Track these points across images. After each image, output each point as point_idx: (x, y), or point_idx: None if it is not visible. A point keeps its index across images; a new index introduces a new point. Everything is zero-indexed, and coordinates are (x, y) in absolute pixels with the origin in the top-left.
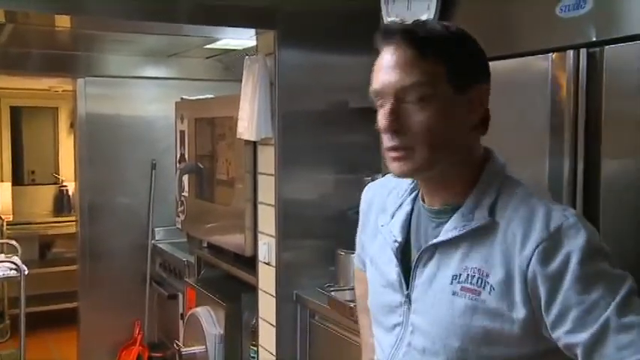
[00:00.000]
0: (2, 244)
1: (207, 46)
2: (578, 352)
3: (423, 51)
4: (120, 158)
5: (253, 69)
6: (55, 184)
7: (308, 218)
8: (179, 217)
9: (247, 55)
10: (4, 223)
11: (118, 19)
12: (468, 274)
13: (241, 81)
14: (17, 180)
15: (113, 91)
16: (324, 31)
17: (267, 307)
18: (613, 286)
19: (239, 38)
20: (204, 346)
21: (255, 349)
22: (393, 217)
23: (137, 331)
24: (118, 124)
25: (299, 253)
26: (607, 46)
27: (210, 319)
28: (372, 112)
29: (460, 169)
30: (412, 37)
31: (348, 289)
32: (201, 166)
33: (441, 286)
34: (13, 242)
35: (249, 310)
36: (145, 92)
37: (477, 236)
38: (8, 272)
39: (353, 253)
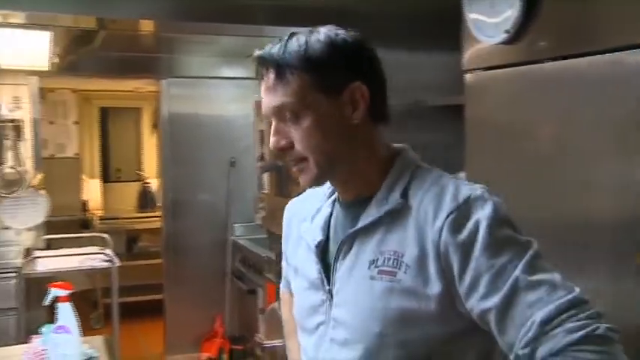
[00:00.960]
0: (94, 237)
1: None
2: (491, 317)
3: (280, 73)
4: (200, 156)
5: None
6: (138, 181)
7: None
8: (259, 213)
9: None
10: (96, 218)
11: (200, 22)
12: (385, 258)
13: None
14: (105, 177)
15: (194, 91)
16: (402, 31)
17: None
18: (520, 250)
19: None
20: (284, 340)
21: None
22: (312, 220)
23: (218, 325)
24: (198, 123)
25: None
26: None
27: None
28: (450, 111)
29: (367, 162)
30: (269, 60)
31: None
32: (281, 164)
33: (360, 274)
34: (106, 235)
35: None
36: (224, 92)
37: (391, 220)
38: (102, 263)
39: None
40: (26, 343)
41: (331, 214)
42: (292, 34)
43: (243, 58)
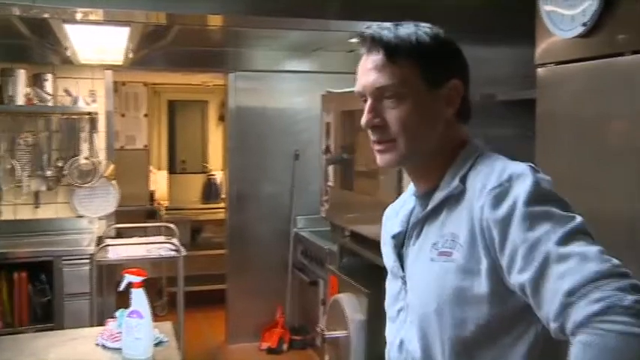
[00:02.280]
0: (161, 227)
1: (351, 40)
2: (528, 292)
3: (392, 54)
4: (265, 149)
5: None
6: (203, 172)
7: None
8: (323, 206)
9: None
10: (162, 208)
11: (268, 17)
12: (445, 240)
13: None
14: (171, 169)
15: (260, 84)
16: (473, 24)
17: None
18: (558, 224)
19: None
20: (346, 331)
21: None
22: (397, 215)
23: (279, 315)
24: (263, 116)
25: None
26: None
27: (352, 306)
28: (519, 105)
29: (440, 155)
30: (381, 42)
31: None
32: (347, 157)
33: (424, 257)
34: (172, 225)
35: None
36: (289, 86)
37: (451, 204)
38: (169, 253)
39: None
40: (99, 325)
41: (413, 209)
42: (397, 24)
43: (309, 52)
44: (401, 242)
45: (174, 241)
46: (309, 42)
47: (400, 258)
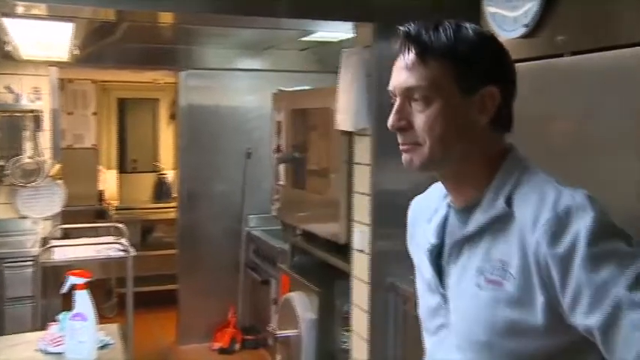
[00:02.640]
0: (110, 227)
1: (302, 39)
2: (596, 335)
3: (424, 54)
4: (216, 147)
5: (351, 61)
6: (154, 172)
7: (403, 207)
8: (274, 204)
9: (342, 47)
10: (111, 208)
11: (219, 15)
12: (492, 266)
13: (335, 73)
14: (121, 168)
15: (211, 82)
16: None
17: (360, 294)
18: (623, 264)
19: (336, 31)
20: (297, 330)
21: (348, 334)
22: (430, 222)
23: (231, 315)
24: (215, 114)
25: (393, 241)
26: None
27: (303, 305)
28: None
29: (478, 166)
30: (415, 41)
31: None
32: (298, 156)
33: (468, 281)
34: (121, 225)
35: (342, 297)
36: (241, 84)
37: (497, 227)
38: (118, 253)
39: None
40: (43, 330)
41: (447, 216)
42: (439, 22)
43: (261, 50)
44: (437, 254)
45: (123, 241)
46: (260, 40)
47: (438, 272)
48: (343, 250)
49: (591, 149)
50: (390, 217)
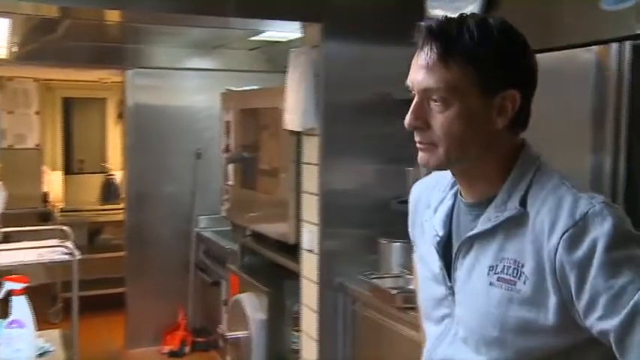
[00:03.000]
0: (55, 229)
1: (252, 38)
2: (612, 339)
3: (447, 55)
4: (165, 148)
5: (299, 61)
6: (102, 172)
7: (351, 207)
8: (224, 205)
9: (292, 47)
10: (57, 210)
11: (167, 13)
12: (504, 265)
13: (284, 72)
14: (67, 169)
15: (160, 82)
16: (369, 24)
17: (309, 293)
18: None
19: (284, 31)
20: (247, 331)
21: (298, 334)
22: (436, 211)
23: (181, 317)
24: (164, 114)
25: (341, 241)
26: None
27: (253, 305)
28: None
29: (491, 164)
30: (438, 39)
31: (390, 277)
32: (246, 156)
33: (479, 277)
34: (66, 228)
35: (292, 297)
36: (190, 83)
37: (510, 227)
38: (62, 256)
39: (394, 242)
40: None
41: (453, 207)
42: (463, 20)
43: (210, 50)
44: (444, 245)
45: (68, 244)
46: (210, 39)
47: (445, 264)
48: (293, 250)
49: (538, 147)
50: (339, 216)
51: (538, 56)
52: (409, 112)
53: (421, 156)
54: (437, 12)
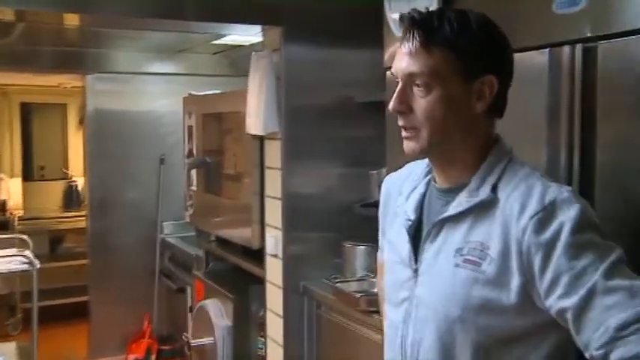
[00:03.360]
0: (13, 238)
1: (215, 42)
2: (569, 316)
3: (429, 42)
4: (129, 153)
5: (260, 64)
6: (64, 179)
7: (314, 211)
8: (188, 210)
9: (254, 51)
10: (15, 218)
11: (127, 17)
12: (470, 247)
13: (248, 76)
14: (27, 176)
15: (122, 87)
16: (330, 27)
17: (274, 298)
18: (602, 254)
19: (246, 35)
20: (212, 338)
21: (263, 340)
22: (408, 198)
23: (146, 325)
24: (126, 119)
25: (306, 245)
26: (601, 42)
27: (218, 311)
28: (377, 107)
29: (468, 150)
30: (420, 28)
31: (354, 281)
32: (209, 161)
33: (446, 259)
34: (25, 237)
35: (257, 302)
36: (153, 88)
37: (480, 212)
38: (21, 266)
39: (359, 246)
40: None
41: (425, 194)
42: (443, 11)
43: (173, 54)
44: (414, 230)
45: (27, 253)
46: (172, 43)
47: (414, 247)
48: (258, 255)
49: None
50: (302, 220)
51: None
52: (393, 97)
53: (406, 144)
54: (395, 15)
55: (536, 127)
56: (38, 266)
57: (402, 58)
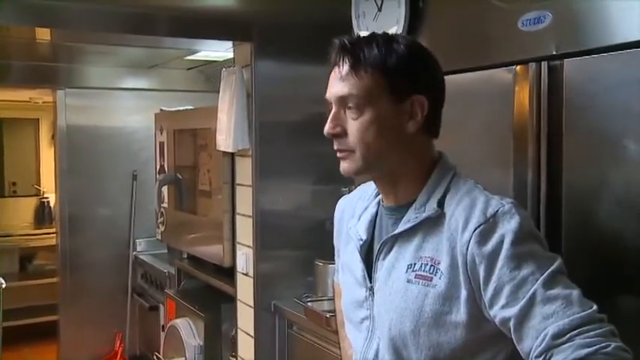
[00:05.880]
0: None
1: (188, 58)
2: (511, 325)
3: (358, 65)
4: (101, 169)
5: (230, 80)
6: (36, 195)
7: (285, 229)
8: (159, 228)
9: (226, 66)
10: None
11: (99, 32)
12: (422, 263)
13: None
14: None
15: (94, 102)
16: (299, 43)
17: (245, 317)
18: (542, 264)
19: (217, 50)
20: (184, 358)
21: (235, 359)
22: (359, 219)
23: (118, 344)
24: (98, 135)
25: (277, 263)
26: (566, 59)
27: (189, 331)
28: None
29: (410, 169)
30: (349, 53)
31: (326, 300)
32: (181, 177)
33: (398, 276)
34: None
35: (229, 321)
36: (125, 103)
37: (429, 227)
38: None
39: (330, 264)
40: None
41: (377, 214)
42: (371, 36)
43: (146, 69)
44: (366, 250)
45: None
46: (145, 59)
47: (367, 266)
48: (229, 273)
49: (465, 163)
50: (273, 238)
51: (462, 76)
52: (328, 121)
53: (342, 165)
54: (363, 32)
55: (502, 146)
56: (4, 285)
57: (334, 82)
